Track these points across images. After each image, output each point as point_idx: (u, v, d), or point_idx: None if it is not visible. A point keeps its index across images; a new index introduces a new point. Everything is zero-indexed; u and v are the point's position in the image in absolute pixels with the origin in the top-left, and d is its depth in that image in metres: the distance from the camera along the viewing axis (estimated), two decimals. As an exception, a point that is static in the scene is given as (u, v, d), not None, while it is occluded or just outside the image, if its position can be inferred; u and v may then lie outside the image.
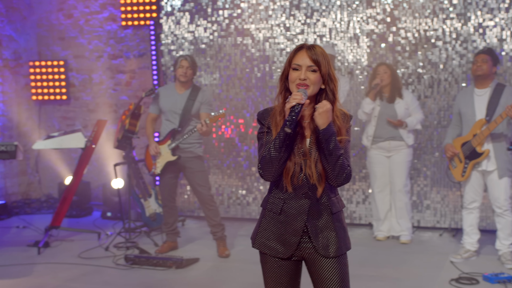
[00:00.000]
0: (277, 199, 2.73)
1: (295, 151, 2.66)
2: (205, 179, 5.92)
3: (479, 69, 5.37)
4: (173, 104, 5.82)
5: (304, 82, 2.61)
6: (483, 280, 4.95)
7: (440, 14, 6.58)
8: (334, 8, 6.96)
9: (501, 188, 5.32)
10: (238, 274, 5.29)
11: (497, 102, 5.30)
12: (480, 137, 5.26)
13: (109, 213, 7.68)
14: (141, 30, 8.02)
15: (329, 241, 2.70)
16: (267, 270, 2.78)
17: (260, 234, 2.78)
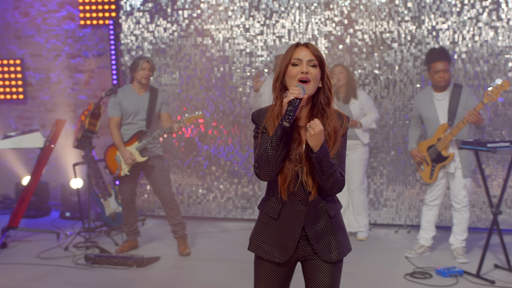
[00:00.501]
0: (274, 203, 2.70)
1: (292, 157, 2.61)
2: (166, 178, 5.96)
3: (443, 81, 5.45)
4: (136, 106, 5.83)
5: (306, 76, 2.56)
6: (436, 274, 5.12)
7: (396, 17, 6.76)
8: (293, 10, 7.08)
9: (462, 186, 5.51)
10: (199, 272, 5.35)
11: (457, 104, 5.45)
12: (444, 142, 5.42)
13: (67, 213, 7.62)
14: (100, 30, 7.98)
15: (330, 246, 2.69)
16: (260, 273, 2.76)
17: (256, 237, 2.75)
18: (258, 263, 2.78)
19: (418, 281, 4.98)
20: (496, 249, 5.71)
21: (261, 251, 2.73)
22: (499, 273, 5.13)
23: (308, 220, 2.67)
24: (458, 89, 5.50)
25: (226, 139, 7.38)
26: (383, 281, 5.02)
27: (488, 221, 6.56)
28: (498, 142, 4.92)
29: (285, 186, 2.62)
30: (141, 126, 5.85)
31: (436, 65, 5.45)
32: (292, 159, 2.62)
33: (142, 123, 5.86)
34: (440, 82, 5.46)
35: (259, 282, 2.77)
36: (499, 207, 5.14)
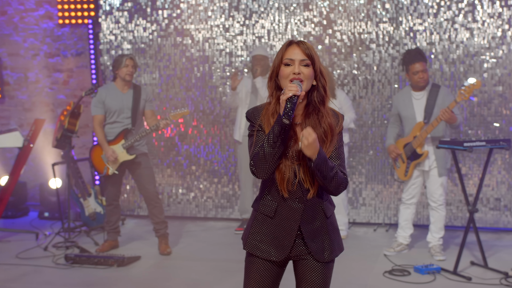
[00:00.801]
0: (270, 201, 2.69)
1: (289, 155, 2.62)
2: (151, 176, 5.97)
3: (422, 81, 5.56)
4: (119, 104, 5.83)
5: (298, 76, 2.56)
6: (414, 272, 5.21)
7: (374, 18, 6.84)
8: (272, 10, 7.13)
9: (438, 184, 5.61)
10: (180, 271, 5.37)
11: (434, 104, 5.56)
12: (419, 139, 5.52)
13: (46, 213, 7.57)
14: (79, 29, 7.95)
15: (323, 246, 2.70)
16: (252, 271, 2.74)
17: (252, 236, 2.73)
18: (251, 260, 2.76)
19: (396, 278, 5.06)
20: (472, 247, 5.82)
21: (257, 250, 2.71)
22: (475, 270, 5.23)
23: (304, 218, 2.67)
24: (436, 88, 5.60)
25: (206, 138, 7.40)
26: (363, 278, 5.09)
27: (465, 219, 6.68)
28: (475, 141, 5.02)
29: (284, 184, 2.62)
30: (126, 124, 5.85)
31: (415, 66, 5.54)
32: (289, 157, 2.62)
33: (127, 121, 5.85)
34: (420, 82, 5.56)
35: (250, 280, 2.75)
36: (475, 205, 5.24)
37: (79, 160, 7.04)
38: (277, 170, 2.62)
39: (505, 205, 6.62)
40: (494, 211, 6.65)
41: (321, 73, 2.64)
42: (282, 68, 2.61)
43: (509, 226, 6.63)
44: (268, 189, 2.71)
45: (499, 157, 6.59)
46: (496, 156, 6.58)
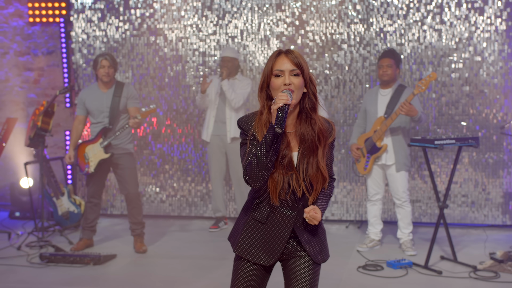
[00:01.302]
0: (262, 207, 2.73)
1: (282, 164, 2.65)
2: (133, 176, 5.98)
3: (385, 75, 5.78)
4: (99, 103, 5.85)
5: (289, 87, 2.59)
6: (387, 267, 5.34)
7: (345, 19, 6.97)
8: (245, 10, 7.20)
9: (398, 181, 5.76)
10: (157, 268, 5.40)
11: (396, 101, 5.74)
12: (379, 133, 5.68)
13: (17, 213, 7.51)
14: (50, 27, 7.89)
15: (317, 249, 2.76)
16: (240, 273, 2.78)
17: (242, 240, 2.77)
18: (239, 263, 2.80)
19: (370, 273, 5.19)
20: (441, 242, 5.99)
21: (248, 254, 2.75)
22: (445, 264, 5.39)
23: (297, 225, 2.73)
24: (402, 88, 5.80)
25: (179, 137, 7.44)
26: (337, 274, 5.20)
27: (433, 216, 6.86)
28: (445, 139, 5.18)
29: (276, 193, 2.65)
30: (106, 123, 5.86)
31: (382, 61, 5.81)
32: (283, 166, 2.65)
33: (106, 120, 5.87)
34: (383, 76, 5.78)
35: (238, 282, 2.80)
36: (446, 201, 5.40)
37: (52, 159, 7.00)
38: (270, 179, 2.65)
39: (472, 202, 6.82)
40: (461, 207, 6.85)
41: (310, 80, 2.68)
42: (273, 80, 2.65)
43: (475, 222, 6.83)
44: (260, 195, 2.75)
45: (466, 155, 6.79)
46: (463, 154, 6.78)
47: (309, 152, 2.66)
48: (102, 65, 5.79)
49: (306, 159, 2.66)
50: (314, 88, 2.68)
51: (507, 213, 6.74)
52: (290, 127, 2.70)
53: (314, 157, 2.66)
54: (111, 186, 7.59)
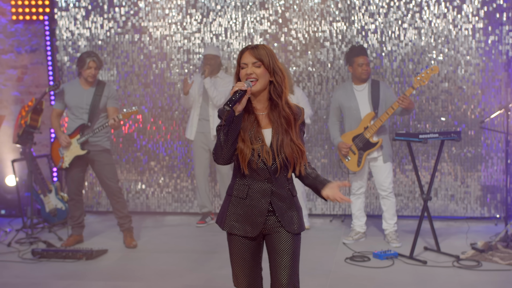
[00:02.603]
0: (241, 185, 3.04)
1: (252, 139, 2.97)
2: (113, 172, 6.05)
3: (366, 73, 5.90)
4: (79, 100, 5.90)
5: (251, 76, 2.96)
6: (373, 257, 5.51)
7: (328, 17, 7.13)
8: (229, 9, 7.31)
9: (384, 173, 5.93)
10: (148, 262, 5.49)
11: (378, 95, 5.89)
12: (372, 129, 5.81)
13: (3, 211, 7.51)
14: (33, 25, 7.90)
15: (293, 220, 3.05)
16: (233, 248, 3.09)
17: (229, 217, 3.06)
18: (231, 238, 3.11)
19: (358, 264, 5.35)
20: (423, 233, 6.15)
21: (235, 229, 3.06)
22: (429, 255, 5.57)
23: (274, 197, 3.02)
24: (376, 82, 5.96)
25: (165, 134, 7.52)
26: (326, 265, 5.35)
27: (414, 209, 7.07)
28: (429, 133, 5.36)
29: (245, 162, 2.97)
30: (84, 120, 5.92)
31: (359, 59, 5.90)
32: (252, 139, 2.98)
33: (85, 116, 5.92)
34: (363, 74, 5.90)
35: (234, 256, 3.11)
36: (429, 193, 5.58)
37: (38, 157, 7.03)
38: (238, 150, 2.97)
39: (452, 195, 7.04)
40: (442, 200, 7.06)
41: (275, 71, 3.01)
42: (240, 71, 3.02)
43: (455, 215, 7.05)
44: (239, 175, 3.06)
45: (446, 149, 7.00)
46: (444, 149, 6.98)
47: (282, 131, 2.99)
48: (89, 66, 5.84)
49: (280, 137, 2.99)
50: (280, 78, 3.01)
51: (485, 205, 6.97)
52: (263, 109, 3.05)
53: (287, 135, 2.99)
54: (96, 184, 7.64)
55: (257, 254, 3.13)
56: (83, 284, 4.91)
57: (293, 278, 3.04)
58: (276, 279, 3.04)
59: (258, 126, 3.01)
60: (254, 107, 3.03)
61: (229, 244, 3.13)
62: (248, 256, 3.09)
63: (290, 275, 3.02)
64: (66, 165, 5.96)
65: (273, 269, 3.06)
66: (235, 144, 2.95)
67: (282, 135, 2.99)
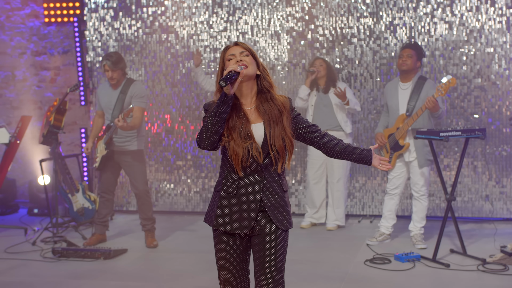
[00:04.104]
0: (231, 180, 2.96)
1: (241, 136, 2.90)
2: (140, 173, 6.03)
3: (404, 64, 5.73)
4: (108, 100, 5.96)
5: (241, 62, 2.90)
6: (394, 260, 5.33)
7: (355, 12, 6.96)
8: (255, 6, 7.23)
9: (420, 175, 5.72)
10: (166, 263, 5.47)
11: (418, 96, 5.68)
12: (401, 131, 5.64)
13: (35, 210, 7.66)
14: (65, 27, 8.03)
15: (282, 216, 2.99)
16: (220, 248, 3.02)
17: (219, 213, 2.98)
18: (218, 236, 3.03)
19: (377, 266, 5.18)
20: (452, 235, 5.94)
21: (226, 226, 2.97)
22: (454, 258, 5.36)
23: (265, 191, 2.95)
24: (422, 81, 5.73)
25: (192, 134, 7.50)
26: (344, 267, 5.21)
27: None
28: (450, 131, 5.14)
29: (238, 162, 2.89)
30: (111, 120, 5.96)
31: (402, 51, 5.78)
32: (242, 137, 2.90)
33: (110, 117, 5.97)
34: (402, 65, 5.73)
35: (219, 255, 3.04)
36: (453, 194, 5.36)
37: (67, 157, 7.12)
38: (230, 150, 2.90)
39: (486, 195, 6.75)
40: (476, 201, 6.78)
41: (261, 64, 3.01)
42: (227, 63, 2.98)
43: (490, 216, 6.76)
44: (228, 170, 2.98)
45: (479, 147, 6.72)
46: (477, 147, 6.71)
47: (274, 123, 2.94)
48: (106, 69, 5.90)
49: (272, 130, 2.92)
50: (266, 71, 3.02)
51: (521, 206, 6.66)
52: (250, 104, 3.00)
53: (279, 127, 2.94)
54: (126, 183, 7.69)
55: (244, 255, 3.05)
56: (95, 284, 4.92)
57: (277, 280, 2.94)
58: (260, 281, 2.94)
59: (247, 122, 2.95)
60: (241, 103, 2.98)
61: (215, 243, 3.05)
62: (234, 256, 3.02)
63: (274, 277, 2.93)
64: (96, 165, 6.03)
65: (257, 272, 2.97)
66: (222, 128, 2.87)
67: (274, 127, 2.93)
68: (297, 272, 5.06)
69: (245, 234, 2.99)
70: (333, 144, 3.09)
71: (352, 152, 3.09)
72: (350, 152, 3.09)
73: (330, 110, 6.40)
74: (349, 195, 7.11)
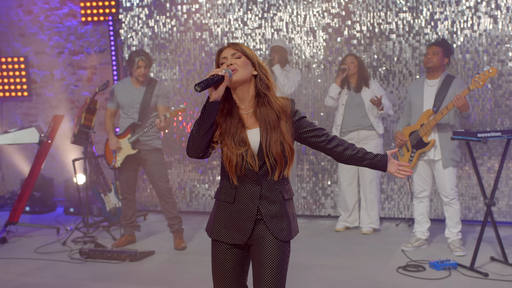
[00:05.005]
0: (228, 189, 2.81)
1: (235, 142, 2.72)
2: (163, 171, 5.97)
3: (429, 61, 5.49)
4: (131, 98, 5.86)
5: (231, 66, 2.73)
6: (429, 267, 5.05)
7: (393, 7, 6.67)
8: (291, 2, 7.03)
9: (446, 177, 5.43)
10: (191, 266, 5.35)
11: (445, 93, 5.42)
12: (427, 127, 5.37)
13: (71, 209, 7.68)
14: (101, 26, 8.02)
15: (282, 226, 2.79)
16: (216, 257, 2.85)
17: (216, 223, 2.84)
18: (215, 246, 2.87)
19: (410, 274, 4.92)
20: (495, 241, 5.60)
21: (222, 236, 2.82)
22: (495, 266, 5.05)
23: (263, 200, 2.78)
24: (450, 79, 5.47)
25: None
26: (375, 274, 4.97)
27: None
28: (489, 132, 4.83)
29: (232, 169, 2.74)
30: (135, 119, 5.88)
31: (428, 48, 5.55)
32: (236, 143, 2.74)
33: (136, 115, 5.88)
34: (427, 63, 5.50)
35: (215, 265, 2.87)
36: (493, 198, 5.04)
37: (100, 156, 7.09)
38: (224, 157, 2.76)
39: (532, 199, 6.38)
40: (521, 205, 6.42)
41: (258, 64, 2.81)
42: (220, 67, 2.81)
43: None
44: (226, 178, 2.83)
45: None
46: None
47: (271, 128, 2.74)
48: (139, 66, 5.78)
49: (269, 136, 2.73)
50: (265, 71, 2.82)
51: None
52: (248, 108, 2.81)
53: (277, 132, 2.74)
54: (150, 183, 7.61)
55: (241, 267, 2.87)
56: (117, 287, 4.84)
57: None
58: None
59: (242, 128, 2.77)
60: (238, 107, 2.81)
61: (212, 253, 2.89)
62: (230, 267, 2.84)
63: None
64: (118, 165, 5.94)
65: (255, 284, 2.79)
66: (207, 135, 2.71)
67: (271, 133, 2.74)
68: (324, 278, 4.85)
69: (243, 245, 2.82)
70: (341, 149, 2.86)
71: (363, 158, 2.86)
72: (361, 158, 2.86)
73: (362, 109, 6.15)
74: (387, 198, 6.84)
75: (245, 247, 2.84)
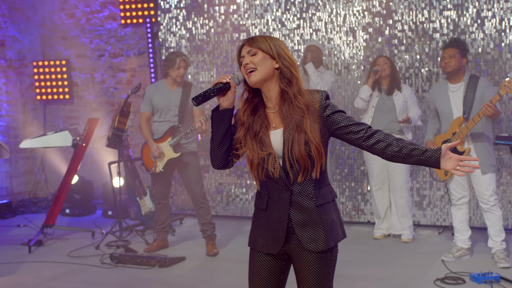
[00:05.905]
0: (262, 195, 2.68)
1: (259, 144, 2.58)
2: (198, 176, 5.87)
3: (448, 66, 5.21)
4: (168, 101, 5.77)
5: (247, 66, 2.58)
6: (469, 280, 4.76)
7: (437, 5, 6.38)
8: (330, 1, 6.82)
9: (485, 184, 5.13)
10: (221, 273, 5.21)
11: (473, 96, 5.12)
12: (459, 136, 5.07)
13: (110, 212, 7.68)
14: (141, 28, 8.00)
15: (316, 235, 2.59)
16: (252, 266, 2.72)
17: (253, 231, 2.75)
18: (253, 254, 2.74)
19: (448, 286, 4.64)
20: (544, 253, 5.27)
21: (257, 244, 2.70)
22: (543, 280, 4.71)
23: (294, 208, 2.60)
24: (475, 80, 5.15)
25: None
26: (410, 286, 4.71)
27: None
28: (535, 136, 4.51)
29: (254, 172, 2.62)
30: (173, 122, 5.78)
31: (444, 52, 5.26)
32: (258, 144, 2.60)
33: (175, 119, 5.79)
34: (446, 68, 5.23)
35: (252, 274, 2.72)
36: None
37: (136, 159, 7.05)
38: (247, 160, 2.64)
39: None
40: None
41: (280, 56, 2.59)
42: (241, 69, 2.65)
43: None
44: (261, 184, 2.69)
45: None
46: None
47: (295, 129, 2.55)
48: (179, 66, 5.68)
49: (291, 137, 2.55)
50: (288, 63, 2.59)
51: None
52: (274, 106, 2.64)
53: (301, 133, 2.54)
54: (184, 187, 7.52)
55: (278, 277, 2.70)
56: (142, 294, 4.75)
57: None
58: None
59: (265, 128, 2.60)
60: (266, 106, 2.65)
61: (250, 261, 2.75)
62: (268, 276, 2.68)
63: None
64: (160, 169, 5.85)
65: None
66: (223, 145, 2.60)
67: (294, 133, 2.53)
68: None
69: (281, 254, 2.67)
70: (383, 146, 2.55)
71: (409, 155, 2.51)
72: (407, 155, 2.51)
73: (392, 113, 5.91)
74: (429, 204, 6.54)
75: (283, 256, 2.68)
